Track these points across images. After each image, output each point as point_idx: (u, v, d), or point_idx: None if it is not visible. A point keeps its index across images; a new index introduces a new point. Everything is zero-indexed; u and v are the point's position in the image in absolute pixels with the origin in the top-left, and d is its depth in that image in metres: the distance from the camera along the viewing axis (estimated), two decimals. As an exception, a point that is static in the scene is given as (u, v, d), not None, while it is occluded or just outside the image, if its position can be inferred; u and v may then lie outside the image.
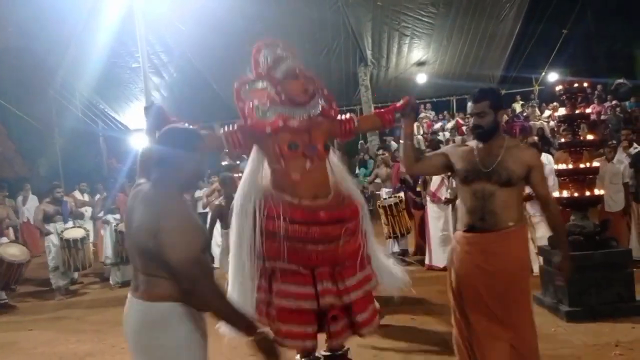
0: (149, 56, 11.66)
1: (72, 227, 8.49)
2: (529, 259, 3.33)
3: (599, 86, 16.48)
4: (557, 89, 5.44)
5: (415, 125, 14.87)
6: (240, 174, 4.20)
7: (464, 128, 15.71)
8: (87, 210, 10.33)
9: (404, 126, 3.35)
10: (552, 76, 18.01)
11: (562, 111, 5.48)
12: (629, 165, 7.34)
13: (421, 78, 17.85)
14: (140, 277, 2.17)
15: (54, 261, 8.31)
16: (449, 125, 16.86)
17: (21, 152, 16.88)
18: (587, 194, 5.21)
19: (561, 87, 5.36)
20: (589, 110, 5.70)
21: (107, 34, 12.45)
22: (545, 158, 6.33)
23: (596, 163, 5.52)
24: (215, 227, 6.17)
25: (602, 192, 5.59)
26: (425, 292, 6.13)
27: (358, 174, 13.98)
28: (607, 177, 7.07)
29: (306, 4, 14.08)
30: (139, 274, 2.19)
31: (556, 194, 5.13)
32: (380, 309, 3.60)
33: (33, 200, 12.16)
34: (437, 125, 17.27)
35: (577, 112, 5.29)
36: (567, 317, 4.84)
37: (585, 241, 5.03)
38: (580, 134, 5.36)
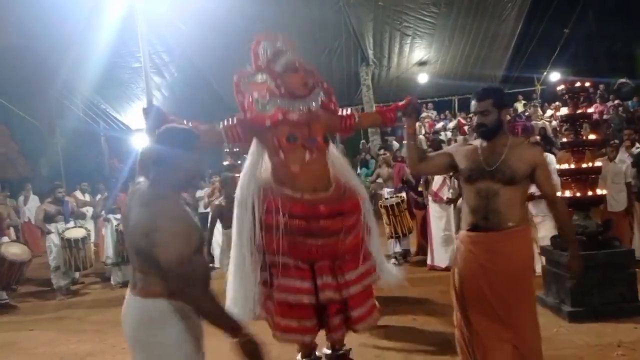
0: (150, 56, 11.65)
1: (73, 227, 8.48)
2: (533, 259, 3.30)
3: (601, 86, 16.45)
4: (559, 88, 5.42)
5: (417, 125, 14.84)
6: (241, 174, 4.18)
7: (465, 128, 15.70)
8: (88, 210, 10.35)
9: (406, 126, 3.34)
10: (554, 76, 18.00)
11: (564, 111, 5.46)
12: (631, 165, 7.30)
13: (423, 78, 17.85)
14: (137, 275, 2.21)
15: (55, 261, 8.30)
16: (450, 125, 16.84)
17: (23, 153, 16.90)
18: (589, 193, 5.20)
19: (563, 86, 5.33)
20: (591, 110, 5.70)
21: (108, 34, 12.46)
22: (548, 158, 6.30)
23: (598, 163, 5.49)
24: (215, 227, 6.17)
25: (604, 192, 5.57)
26: (427, 292, 6.13)
27: (360, 174, 13.97)
28: (610, 176, 7.04)
29: (307, 4, 14.06)
30: (136, 272, 2.22)
31: (558, 194, 5.10)
32: (379, 308, 3.58)
33: (34, 200, 12.15)
34: (439, 125, 17.27)
35: (580, 111, 5.26)
36: (569, 318, 4.82)
37: (587, 241, 5.00)
38: (582, 133, 5.34)
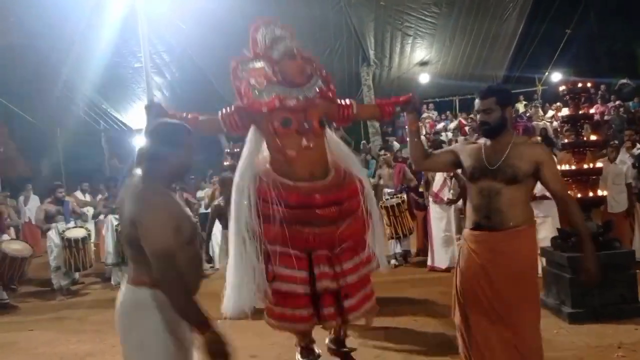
0: (150, 56, 11.66)
1: (73, 227, 8.48)
2: (537, 260, 3.28)
3: (602, 86, 16.44)
4: (561, 89, 5.42)
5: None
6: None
7: (466, 128, 15.70)
8: (89, 210, 10.33)
9: (408, 124, 3.32)
10: (555, 76, 18.00)
11: (565, 111, 5.47)
12: (632, 166, 7.29)
13: (424, 78, 17.85)
14: (130, 265, 2.32)
15: (55, 261, 8.28)
16: (451, 125, 16.84)
17: (24, 152, 16.88)
18: (590, 194, 5.18)
19: (564, 87, 5.33)
20: (592, 111, 5.70)
21: (109, 33, 12.47)
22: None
23: (599, 164, 5.48)
24: (215, 227, 6.17)
25: (605, 193, 5.55)
26: (427, 293, 6.12)
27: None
28: (610, 177, 7.02)
29: (308, 4, 14.06)
30: (130, 262, 2.33)
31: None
32: (375, 306, 3.55)
33: (34, 200, 12.13)
34: (440, 125, 17.27)
35: (581, 112, 5.26)
36: (569, 319, 4.81)
37: (588, 242, 4.99)
38: (583, 134, 5.34)
